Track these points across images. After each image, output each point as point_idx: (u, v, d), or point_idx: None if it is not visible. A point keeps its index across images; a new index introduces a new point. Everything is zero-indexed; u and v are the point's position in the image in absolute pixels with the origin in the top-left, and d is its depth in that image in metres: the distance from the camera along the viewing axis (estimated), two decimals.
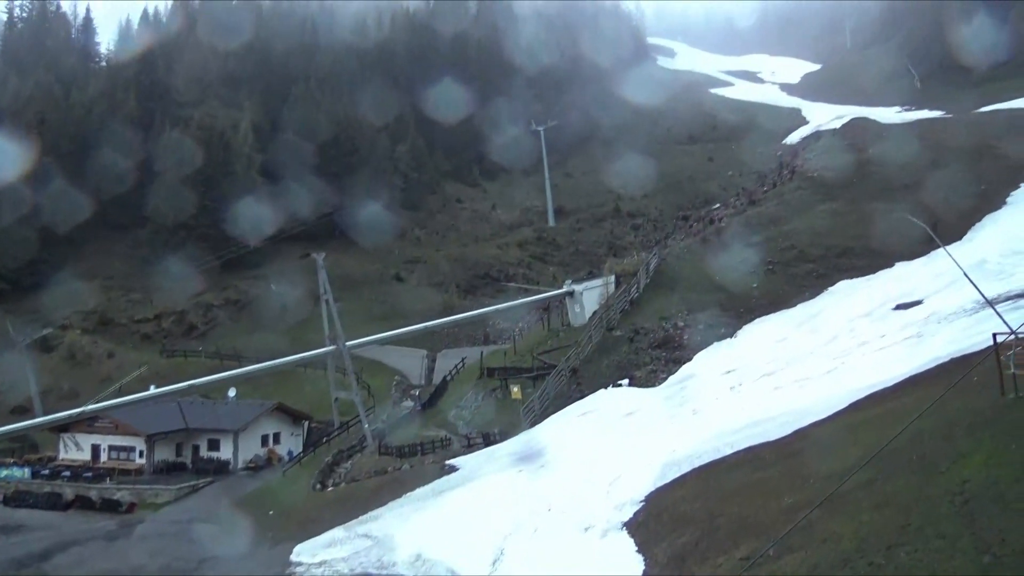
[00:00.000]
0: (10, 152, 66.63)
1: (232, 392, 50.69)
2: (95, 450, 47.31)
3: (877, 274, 41.97)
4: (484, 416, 40.20)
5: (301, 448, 49.15)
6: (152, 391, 41.64)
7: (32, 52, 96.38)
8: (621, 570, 16.77)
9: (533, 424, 35.70)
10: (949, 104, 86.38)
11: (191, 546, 32.60)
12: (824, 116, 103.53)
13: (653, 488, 20.38)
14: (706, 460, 20.74)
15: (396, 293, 72.40)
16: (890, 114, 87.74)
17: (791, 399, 24.34)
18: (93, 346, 65.75)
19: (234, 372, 44.66)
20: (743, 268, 44.45)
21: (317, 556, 26.66)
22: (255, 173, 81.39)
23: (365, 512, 30.01)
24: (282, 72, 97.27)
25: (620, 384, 36.92)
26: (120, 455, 47.03)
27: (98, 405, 41.88)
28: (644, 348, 39.73)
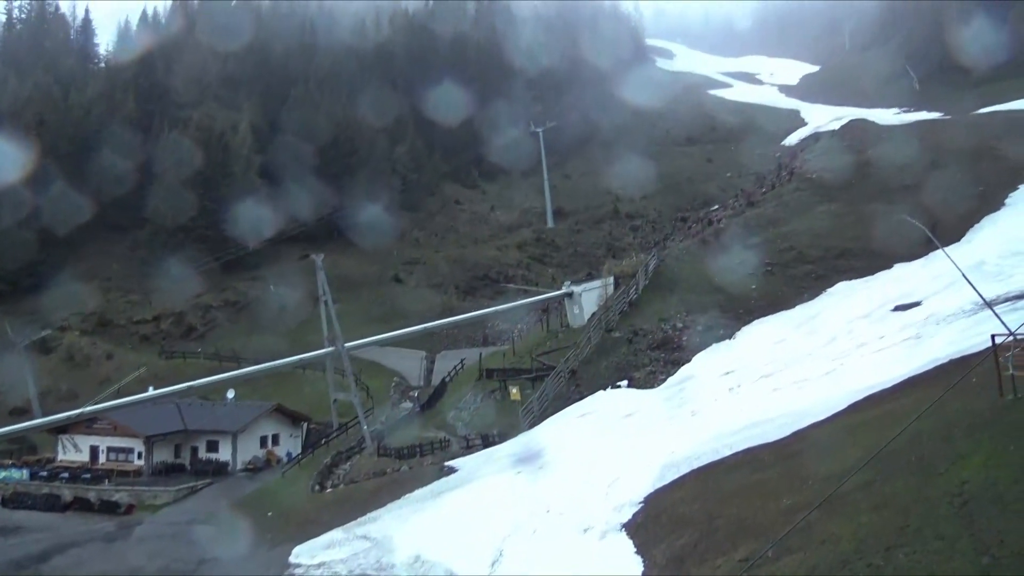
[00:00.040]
0: (9, 153, 66.58)
1: (231, 393, 50.71)
2: (94, 451, 47.25)
3: (876, 275, 41.97)
4: (483, 417, 40.12)
5: (300, 449, 49.08)
6: (151, 392, 41.60)
7: (31, 53, 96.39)
8: (620, 571, 16.77)
9: (532, 425, 35.65)
10: (948, 105, 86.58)
11: (190, 547, 32.62)
12: (823, 117, 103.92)
13: (652, 489, 20.37)
14: (705, 461, 20.73)
15: (395, 294, 72.35)
16: (889, 115, 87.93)
17: (790, 400, 24.32)
18: (92, 347, 65.73)
19: (233, 373, 44.57)
20: (742, 269, 44.42)
21: (316, 557, 26.66)
22: (254, 174, 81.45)
23: (364, 513, 29.99)
24: (281, 73, 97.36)
25: (619, 385, 36.89)
26: (119, 456, 46.98)
27: (97, 406, 41.84)
28: (643, 349, 39.70)
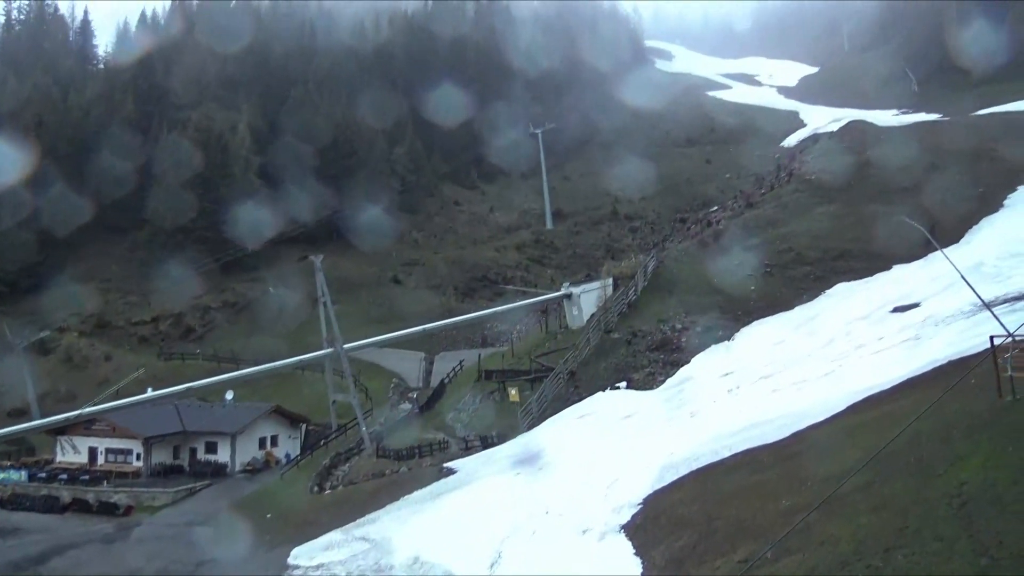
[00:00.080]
0: (8, 155, 66.55)
1: (230, 395, 50.69)
2: (92, 453, 47.19)
3: (875, 277, 41.96)
4: (482, 419, 40.08)
5: (299, 451, 49.03)
6: (150, 394, 41.57)
7: (30, 54, 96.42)
8: (619, 573, 16.77)
9: (531, 427, 35.63)
10: (947, 107, 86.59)
11: (188, 549, 32.62)
12: (822, 119, 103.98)
13: (651, 491, 20.37)
14: (704, 463, 20.73)
15: (394, 295, 72.38)
16: (888, 117, 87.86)
17: (789, 401, 24.31)
18: (91, 349, 65.74)
19: (232, 375, 44.48)
20: (741, 271, 44.41)
21: (315, 559, 26.64)
22: (253, 176, 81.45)
23: (363, 515, 29.96)
24: (280, 74, 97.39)
25: (618, 386, 36.86)
26: (117, 458, 46.93)
27: (95, 408, 41.74)
28: (642, 351, 39.66)
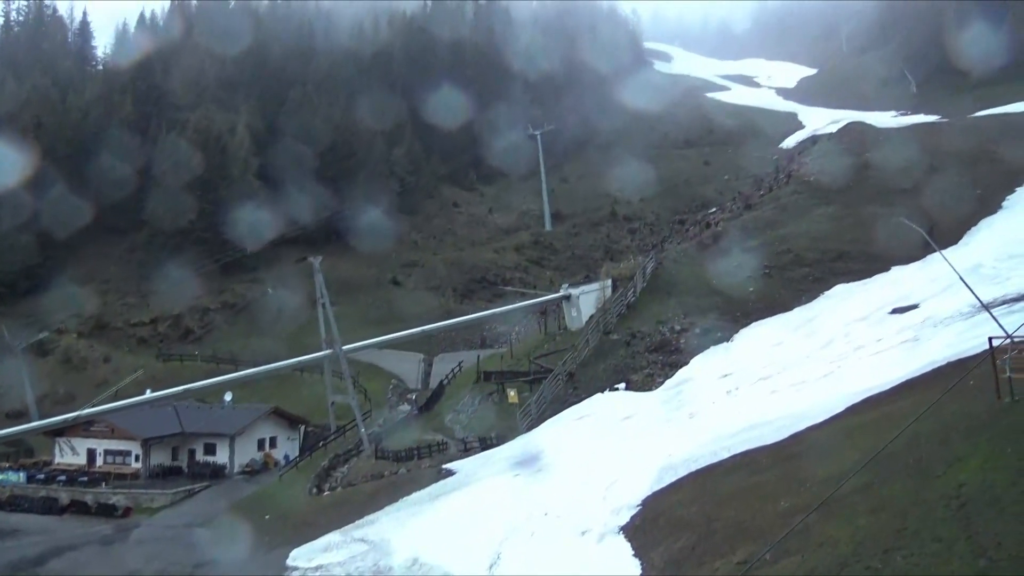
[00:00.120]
0: (7, 156, 66.50)
1: (228, 396, 50.71)
2: (91, 454, 47.12)
3: (874, 278, 42.01)
4: (481, 420, 40.09)
5: (297, 452, 49.01)
6: (148, 395, 41.64)
7: (29, 55, 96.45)
8: (618, 574, 16.76)
9: (530, 428, 35.65)
10: (946, 108, 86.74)
11: (187, 551, 32.60)
12: (820, 120, 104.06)
13: (650, 492, 20.38)
14: (703, 464, 20.74)
15: (393, 297, 72.39)
16: (886, 118, 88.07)
17: (788, 403, 24.33)
18: (89, 350, 65.67)
19: (231, 376, 44.59)
20: (740, 272, 44.44)
21: (313, 560, 26.64)
22: (252, 177, 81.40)
23: (361, 516, 29.99)
24: (279, 76, 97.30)
25: (617, 388, 36.88)
26: (116, 459, 46.87)
27: (94, 409, 41.74)
28: (641, 352, 39.69)
